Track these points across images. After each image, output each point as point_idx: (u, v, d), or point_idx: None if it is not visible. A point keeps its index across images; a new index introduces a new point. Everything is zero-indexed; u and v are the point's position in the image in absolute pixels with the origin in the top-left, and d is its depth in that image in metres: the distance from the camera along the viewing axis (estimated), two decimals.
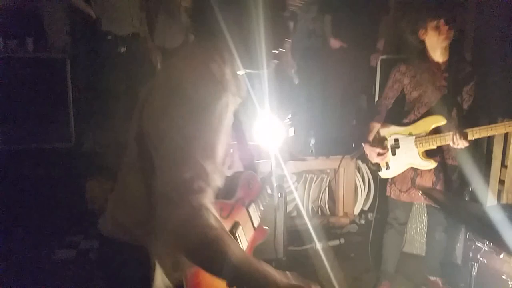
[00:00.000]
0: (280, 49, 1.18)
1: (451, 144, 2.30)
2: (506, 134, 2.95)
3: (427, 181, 2.49)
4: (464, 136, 2.24)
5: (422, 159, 2.43)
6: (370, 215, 3.69)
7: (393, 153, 2.52)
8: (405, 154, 2.48)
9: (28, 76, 3.65)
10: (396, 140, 2.51)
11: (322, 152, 3.51)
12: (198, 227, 0.93)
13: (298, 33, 3.83)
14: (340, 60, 3.86)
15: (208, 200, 0.98)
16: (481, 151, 3.19)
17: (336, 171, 3.57)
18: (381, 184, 2.72)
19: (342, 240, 3.36)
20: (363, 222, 3.67)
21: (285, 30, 1.17)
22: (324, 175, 3.67)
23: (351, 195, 3.64)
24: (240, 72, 1.19)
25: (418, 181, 2.50)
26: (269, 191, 1.59)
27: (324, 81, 3.96)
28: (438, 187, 2.47)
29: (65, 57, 3.72)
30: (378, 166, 2.59)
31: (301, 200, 3.59)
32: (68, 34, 3.96)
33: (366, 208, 3.77)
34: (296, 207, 3.66)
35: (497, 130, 2.26)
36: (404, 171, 2.53)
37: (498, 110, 3.09)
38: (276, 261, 2.97)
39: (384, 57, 3.90)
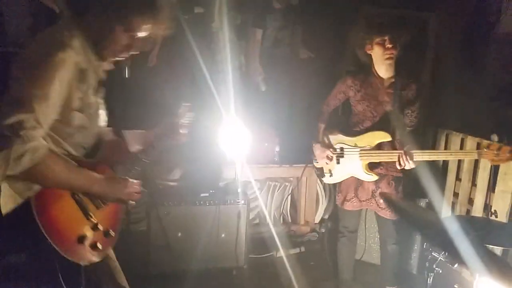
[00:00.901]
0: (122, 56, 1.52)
1: (397, 166, 2.37)
2: (461, 148, 3.09)
3: (367, 189, 2.55)
4: (411, 157, 2.33)
5: (364, 171, 2.49)
6: (330, 224, 3.75)
7: (338, 162, 2.57)
8: (348, 164, 2.54)
9: None
10: (342, 149, 2.56)
11: (286, 160, 3.53)
12: (28, 153, 1.24)
13: (266, 41, 3.85)
14: (307, 69, 3.92)
15: (38, 133, 1.28)
16: (438, 164, 3.32)
17: (299, 180, 3.60)
18: None
19: (303, 248, 3.39)
20: (323, 230, 3.71)
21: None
22: (287, 183, 3.69)
23: (312, 204, 3.67)
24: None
25: (359, 190, 2.57)
26: (145, 160, 1.72)
27: (291, 90, 4.00)
28: (376, 194, 2.53)
29: (23, 51, 3.55)
30: (321, 171, 2.66)
31: (264, 208, 3.59)
32: (28, 28, 3.79)
33: (326, 217, 3.82)
34: (258, 215, 3.66)
35: (439, 157, 2.36)
36: (348, 180, 2.59)
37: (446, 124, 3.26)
38: (237, 268, 2.96)
39: (350, 69, 3.98)
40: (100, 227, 1.50)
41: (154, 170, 3.30)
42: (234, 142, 2.96)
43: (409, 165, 2.35)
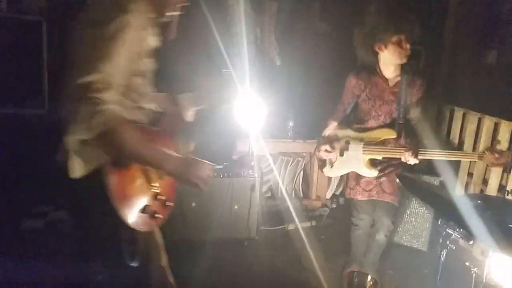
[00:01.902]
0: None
1: (402, 159, 2.39)
2: (478, 127, 3.06)
3: (370, 181, 2.56)
4: (415, 155, 2.34)
5: (366, 166, 2.51)
6: (341, 200, 3.77)
7: (341, 154, 2.58)
8: (351, 158, 2.55)
9: (0, 36, 3.46)
10: (347, 143, 2.57)
11: (300, 136, 3.53)
12: (100, 116, 1.19)
13: (282, 14, 3.79)
14: (324, 43, 3.87)
15: (110, 97, 1.23)
16: (453, 144, 3.30)
17: (312, 155, 3.61)
18: None
19: (314, 223, 3.42)
20: (334, 206, 3.74)
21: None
22: (300, 158, 3.70)
23: (324, 180, 3.69)
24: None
25: (362, 180, 2.58)
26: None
27: (306, 64, 3.97)
28: (381, 180, 2.55)
29: (41, 19, 3.55)
30: (324, 162, 2.67)
31: (277, 181, 3.62)
32: None
33: (337, 193, 3.84)
34: (271, 188, 3.69)
35: (440, 157, 2.42)
36: (352, 172, 2.62)
37: None
38: (249, 239, 3.01)
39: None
40: (161, 197, 1.51)
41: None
42: (249, 116, 2.96)
43: (413, 161, 2.38)
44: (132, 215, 1.38)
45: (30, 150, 3.24)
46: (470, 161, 3.12)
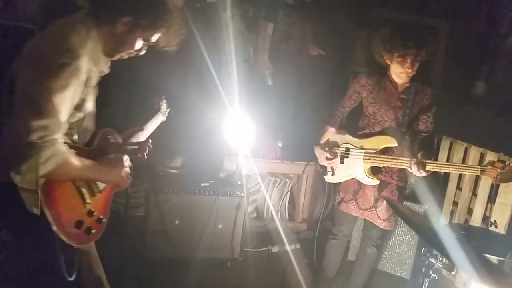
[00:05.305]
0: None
1: (413, 171, 2.33)
2: (463, 159, 3.09)
3: (369, 196, 2.52)
4: (423, 167, 2.29)
5: (366, 174, 2.46)
6: (327, 223, 3.74)
7: (342, 161, 2.55)
8: (352, 165, 2.51)
9: None
10: (347, 149, 2.54)
11: (288, 156, 3.52)
12: (53, 157, 1.30)
13: (276, 36, 3.83)
14: (316, 66, 3.90)
15: (59, 137, 1.34)
16: (439, 172, 3.31)
17: (299, 177, 3.60)
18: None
19: (298, 246, 3.39)
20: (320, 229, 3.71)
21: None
22: (287, 180, 3.68)
23: (311, 202, 3.67)
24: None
25: (360, 194, 2.54)
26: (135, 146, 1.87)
27: (298, 86, 3.99)
28: (378, 204, 2.51)
29: (34, 27, 3.54)
30: (325, 169, 2.63)
31: (263, 202, 3.60)
32: (39, 4, 3.77)
33: (324, 217, 3.81)
34: (256, 209, 3.67)
35: (442, 168, 2.37)
36: (349, 182, 2.57)
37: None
38: (232, 260, 2.97)
39: (359, 70, 3.99)
40: (95, 213, 1.60)
41: (156, 156, 3.29)
42: (238, 134, 2.95)
43: (420, 174, 2.30)
44: (68, 232, 1.45)
45: None
46: (456, 191, 3.15)
